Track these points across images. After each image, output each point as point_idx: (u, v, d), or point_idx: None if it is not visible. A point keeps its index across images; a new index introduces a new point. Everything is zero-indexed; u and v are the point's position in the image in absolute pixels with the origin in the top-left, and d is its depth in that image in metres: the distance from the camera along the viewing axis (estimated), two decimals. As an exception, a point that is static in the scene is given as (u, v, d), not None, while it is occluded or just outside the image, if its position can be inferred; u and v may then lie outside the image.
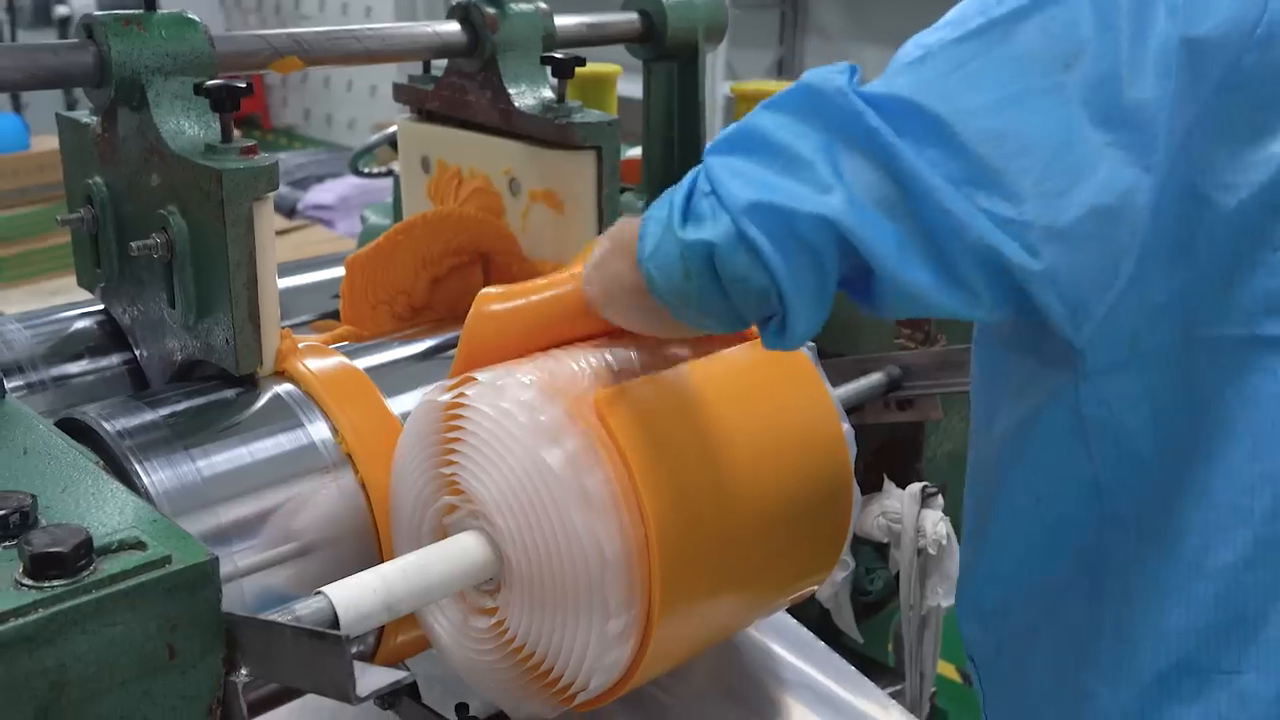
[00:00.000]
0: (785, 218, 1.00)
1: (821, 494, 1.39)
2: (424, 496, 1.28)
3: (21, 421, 1.17)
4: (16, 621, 0.85)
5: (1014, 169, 0.98)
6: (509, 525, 1.20)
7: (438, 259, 1.66)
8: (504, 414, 1.21)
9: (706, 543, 1.25)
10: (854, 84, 1.03)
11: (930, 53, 1.03)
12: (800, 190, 1.00)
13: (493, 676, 1.30)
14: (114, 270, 1.48)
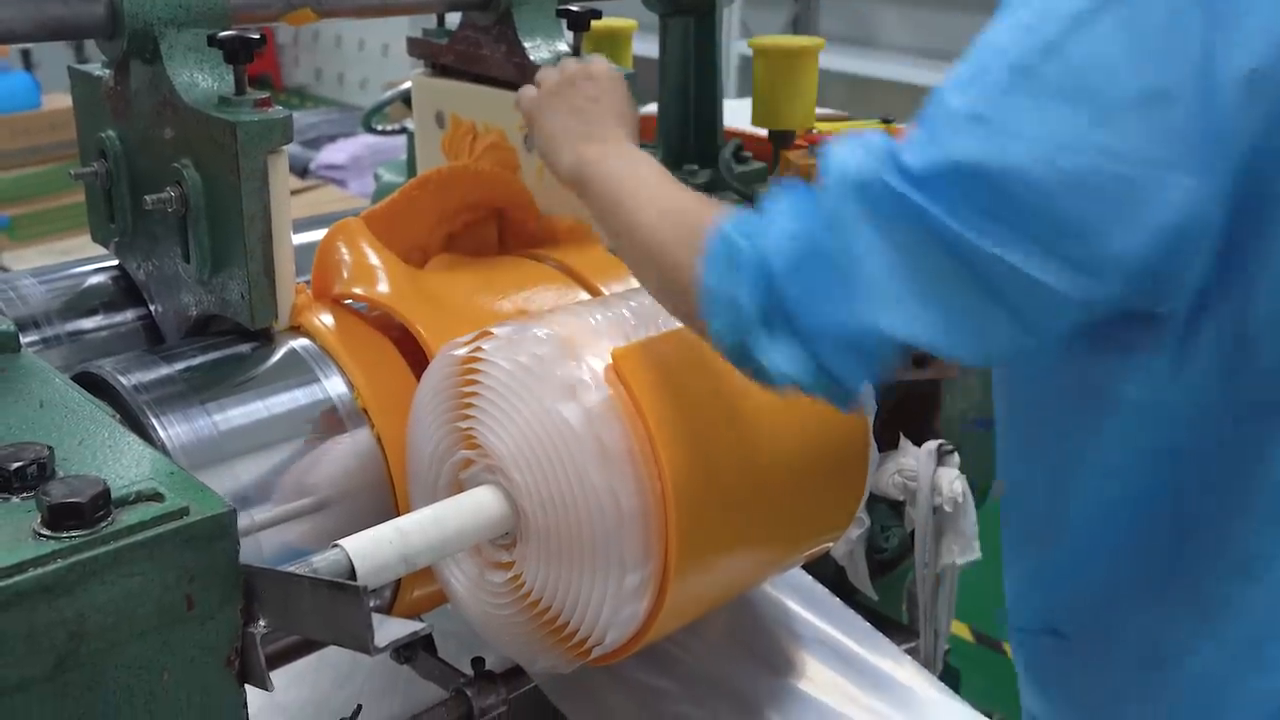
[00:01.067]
0: (863, 346, 0.99)
1: (838, 450, 1.38)
2: (440, 451, 1.28)
3: (37, 375, 1.16)
4: (35, 571, 0.85)
5: (1083, 211, 0.91)
6: (525, 479, 1.20)
7: (452, 215, 1.65)
8: (521, 368, 1.21)
9: (723, 497, 1.25)
10: (896, 164, 0.95)
11: (979, 113, 0.93)
12: (870, 311, 0.97)
13: (508, 631, 1.31)
14: (128, 225, 1.47)
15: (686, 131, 2.00)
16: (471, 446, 1.25)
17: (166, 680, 0.94)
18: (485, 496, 1.22)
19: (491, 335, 1.26)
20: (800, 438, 1.33)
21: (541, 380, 1.20)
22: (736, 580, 1.42)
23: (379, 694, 1.76)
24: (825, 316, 0.98)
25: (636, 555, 1.19)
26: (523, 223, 1.70)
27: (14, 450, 0.96)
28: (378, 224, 1.60)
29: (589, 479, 1.17)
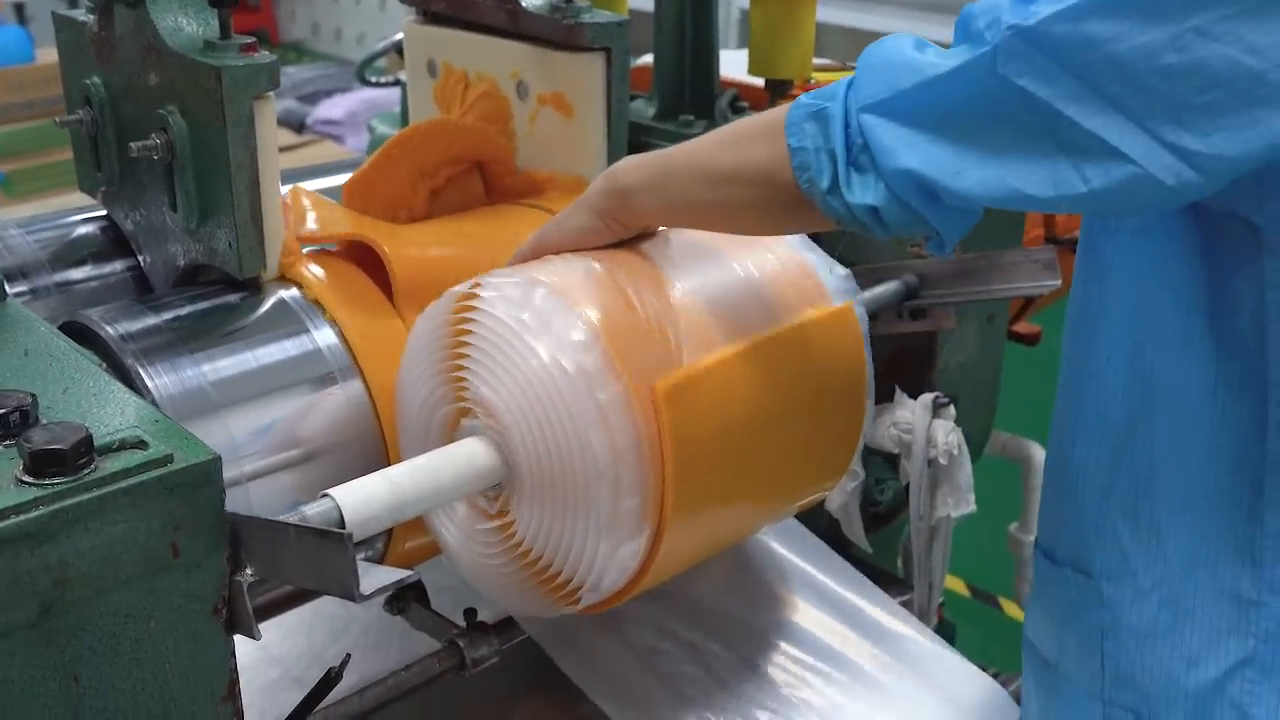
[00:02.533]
0: (933, 188, 1.02)
1: (835, 396, 1.38)
2: (431, 401, 1.27)
3: (22, 323, 1.15)
4: (17, 518, 0.85)
5: (1199, 102, 0.91)
6: (519, 430, 1.19)
7: (434, 170, 1.63)
8: (515, 319, 1.20)
9: (721, 445, 1.24)
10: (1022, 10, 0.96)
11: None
12: (950, 160, 1.01)
13: (501, 581, 1.30)
14: (115, 174, 1.46)
15: (682, 81, 1.98)
16: (462, 398, 1.24)
17: (153, 628, 0.93)
18: (476, 447, 1.21)
19: (483, 285, 1.24)
20: (798, 384, 1.32)
21: (537, 332, 1.19)
22: (731, 529, 1.42)
23: (373, 647, 1.77)
24: (898, 152, 1.02)
25: (632, 506, 1.18)
26: (502, 176, 1.68)
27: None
28: (357, 189, 1.59)
29: (584, 429, 1.16)
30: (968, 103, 0.99)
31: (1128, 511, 1.18)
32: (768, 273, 1.35)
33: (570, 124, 1.65)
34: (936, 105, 1.01)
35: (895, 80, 1.03)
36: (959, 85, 0.99)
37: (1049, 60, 0.93)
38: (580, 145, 1.64)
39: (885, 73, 1.04)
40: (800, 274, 1.38)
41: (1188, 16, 0.89)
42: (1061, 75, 0.93)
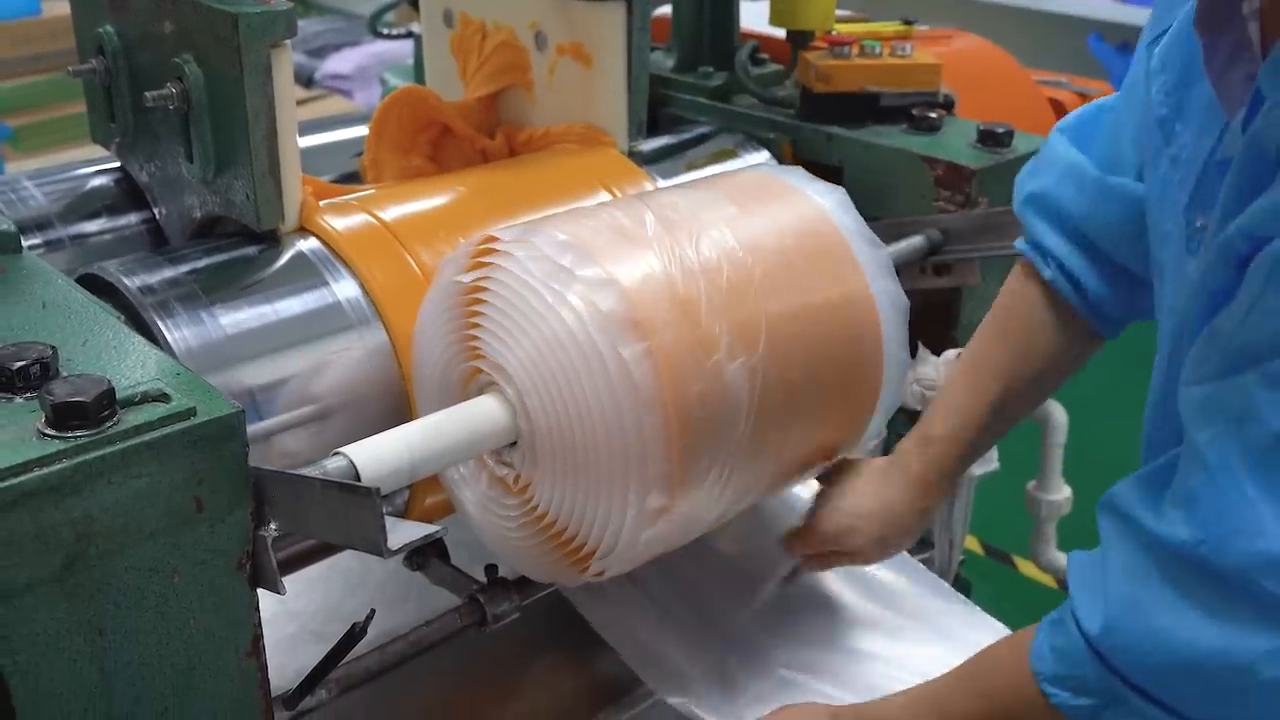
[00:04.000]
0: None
1: (852, 361, 1.36)
2: (446, 358, 1.25)
3: (39, 276, 1.13)
4: (40, 471, 0.83)
5: None
6: (535, 388, 1.17)
7: (410, 142, 1.65)
8: (533, 274, 1.17)
9: (741, 408, 1.22)
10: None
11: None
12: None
13: (520, 547, 1.29)
14: (129, 124, 1.43)
15: (701, 32, 1.95)
16: (477, 354, 1.22)
17: (177, 583, 0.92)
18: (491, 405, 1.19)
19: (499, 240, 1.22)
20: (824, 350, 1.30)
21: (555, 287, 1.16)
22: (752, 492, 1.40)
23: (390, 602, 1.76)
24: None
25: (656, 470, 1.16)
26: (468, 139, 1.66)
27: (16, 350, 0.93)
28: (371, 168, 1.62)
29: (604, 393, 1.14)
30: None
31: None
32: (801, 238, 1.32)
33: (590, 74, 1.62)
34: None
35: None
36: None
37: None
38: (600, 96, 1.62)
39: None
40: (834, 240, 1.35)
41: None
42: None
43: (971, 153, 1.65)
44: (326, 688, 1.23)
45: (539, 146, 1.66)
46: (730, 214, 1.29)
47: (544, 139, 1.66)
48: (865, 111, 1.75)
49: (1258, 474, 0.81)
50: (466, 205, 1.47)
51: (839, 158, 1.74)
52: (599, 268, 1.17)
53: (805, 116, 1.79)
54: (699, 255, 1.23)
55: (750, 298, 1.23)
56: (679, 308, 1.18)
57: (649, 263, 1.20)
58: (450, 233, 1.39)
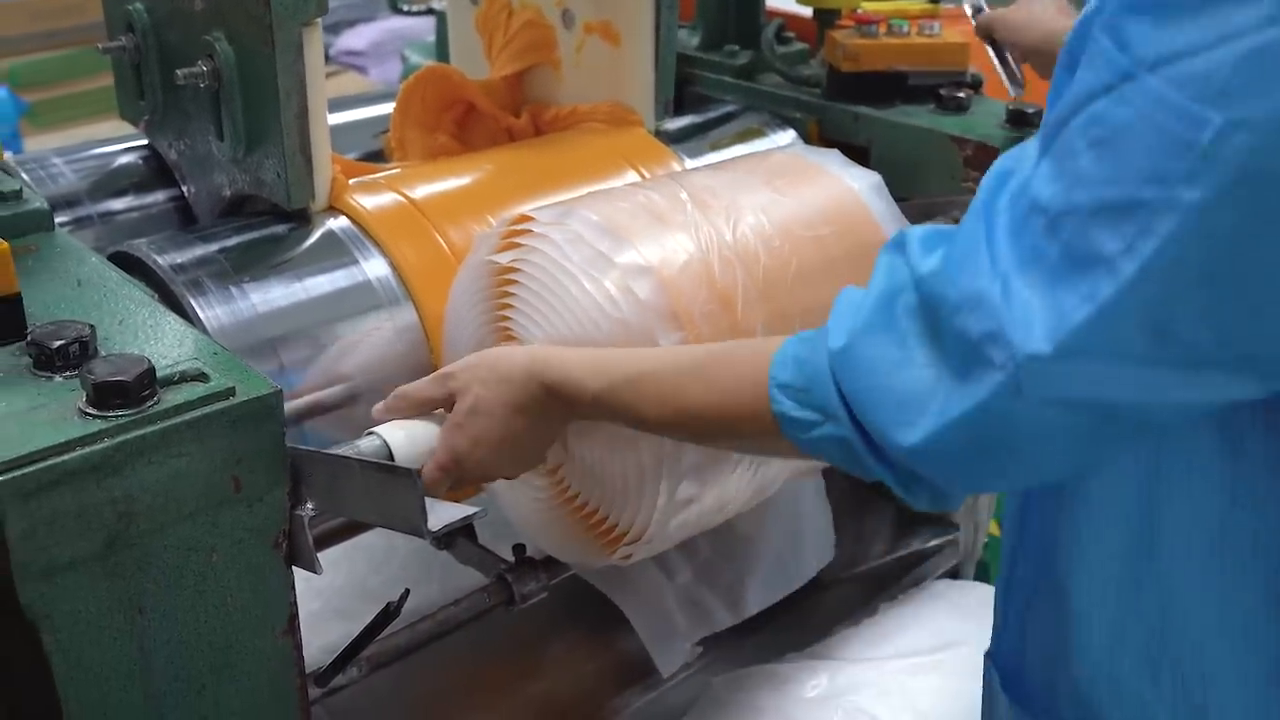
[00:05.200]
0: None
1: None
2: (478, 337, 1.25)
3: (73, 254, 1.14)
4: (83, 450, 0.84)
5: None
6: None
7: (435, 121, 1.63)
8: (565, 257, 1.16)
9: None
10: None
11: None
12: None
13: (550, 528, 1.28)
14: (158, 102, 1.43)
15: (727, 10, 1.93)
16: (509, 338, 1.22)
17: (215, 561, 0.93)
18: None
19: (533, 219, 1.21)
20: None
21: (590, 270, 1.15)
22: (779, 479, 1.40)
23: (414, 580, 1.77)
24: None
25: (690, 461, 1.15)
26: (493, 118, 1.65)
27: (55, 328, 0.94)
28: (397, 148, 1.62)
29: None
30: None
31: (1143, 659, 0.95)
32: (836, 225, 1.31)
33: (618, 53, 1.61)
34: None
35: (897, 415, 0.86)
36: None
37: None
38: (628, 75, 1.61)
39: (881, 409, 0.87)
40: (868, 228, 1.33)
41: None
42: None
43: (1000, 133, 1.64)
44: (358, 665, 1.24)
45: (565, 125, 1.66)
46: (766, 199, 1.28)
47: (570, 118, 1.66)
48: (893, 91, 1.73)
49: (1012, 225, 0.79)
50: (495, 184, 1.47)
51: (866, 137, 1.73)
52: (637, 254, 1.16)
53: (831, 96, 1.78)
54: (736, 242, 1.22)
55: (785, 288, 1.22)
56: (717, 298, 1.17)
57: (686, 250, 1.19)
58: (479, 212, 1.39)
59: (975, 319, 0.79)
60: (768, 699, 1.39)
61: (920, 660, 1.45)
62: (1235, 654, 0.89)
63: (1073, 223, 0.75)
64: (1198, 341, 0.74)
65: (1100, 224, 0.73)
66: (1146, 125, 0.71)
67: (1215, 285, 0.71)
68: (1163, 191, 0.70)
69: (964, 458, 0.83)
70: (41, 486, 0.82)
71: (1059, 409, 0.78)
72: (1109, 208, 0.73)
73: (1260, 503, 0.85)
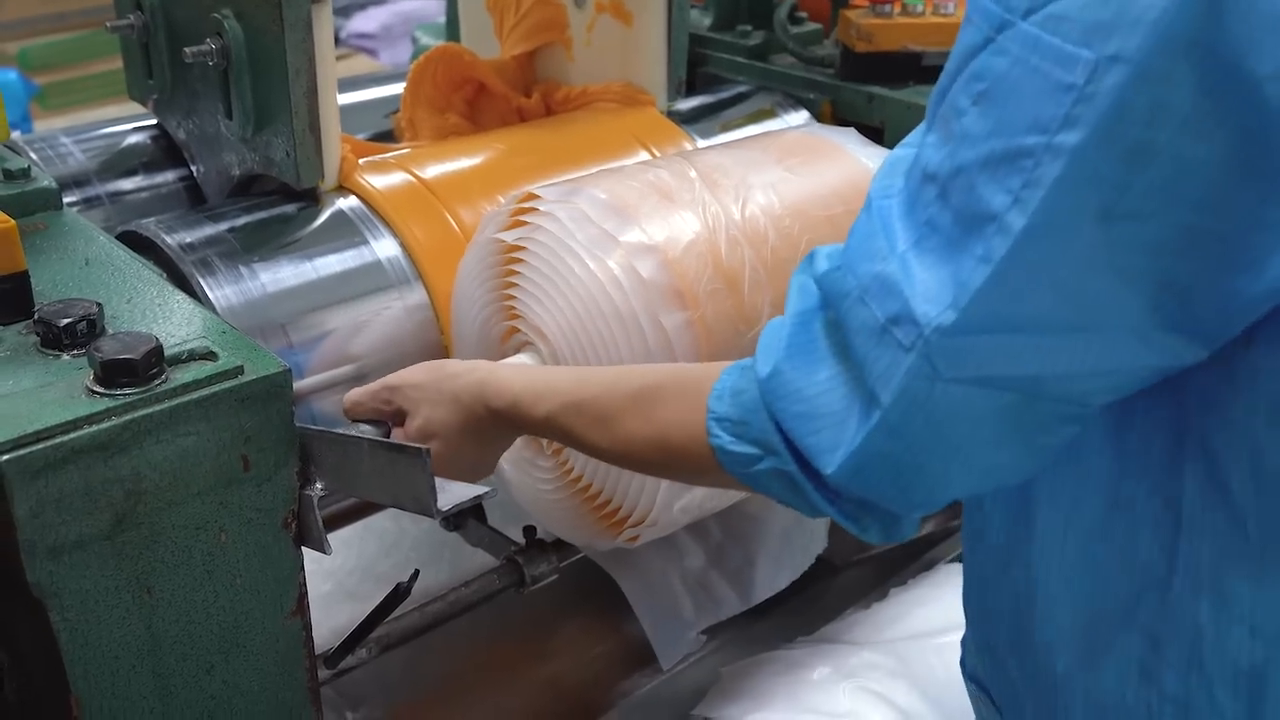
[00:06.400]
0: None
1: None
2: (484, 317, 1.24)
3: (81, 233, 1.13)
4: (90, 429, 0.83)
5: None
6: (572, 356, 1.15)
7: (445, 100, 1.62)
8: (573, 238, 1.15)
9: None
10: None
11: None
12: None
13: (558, 512, 1.28)
14: (167, 81, 1.42)
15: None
16: (514, 316, 1.21)
17: (223, 541, 0.92)
18: (525, 360, 1.18)
19: (538, 198, 1.20)
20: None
21: (595, 255, 1.14)
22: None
23: (424, 562, 1.77)
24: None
25: None
26: (504, 98, 1.64)
27: (62, 306, 0.93)
28: (407, 128, 1.61)
29: (642, 362, 1.12)
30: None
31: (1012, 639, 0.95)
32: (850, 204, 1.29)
33: (629, 33, 1.60)
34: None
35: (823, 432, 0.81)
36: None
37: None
38: (640, 55, 1.60)
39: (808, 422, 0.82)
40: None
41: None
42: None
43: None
44: (367, 647, 1.23)
45: (577, 105, 1.65)
46: (777, 177, 1.27)
47: (582, 98, 1.65)
48: (907, 71, 1.72)
49: (904, 203, 0.76)
50: (506, 164, 1.46)
51: (880, 118, 1.71)
52: (642, 232, 1.15)
53: (845, 76, 1.76)
54: (745, 222, 1.21)
55: (795, 268, 1.21)
56: (722, 277, 1.16)
57: (693, 229, 1.18)
58: (490, 192, 1.38)
59: (878, 303, 0.75)
60: (778, 683, 1.38)
61: (930, 643, 1.44)
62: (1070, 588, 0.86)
63: (961, 183, 0.71)
64: (1106, 298, 0.69)
65: (986, 179, 0.70)
66: (1023, 71, 0.68)
67: (1110, 231, 0.68)
68: (1044, 138, 0.67)
69: (896, 466, 0.78)
70: (49, 465, 0.81)
71: (979, 389, 0.73)
72: (993, 161, 0.69)
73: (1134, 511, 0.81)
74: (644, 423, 0.92)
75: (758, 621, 1.70)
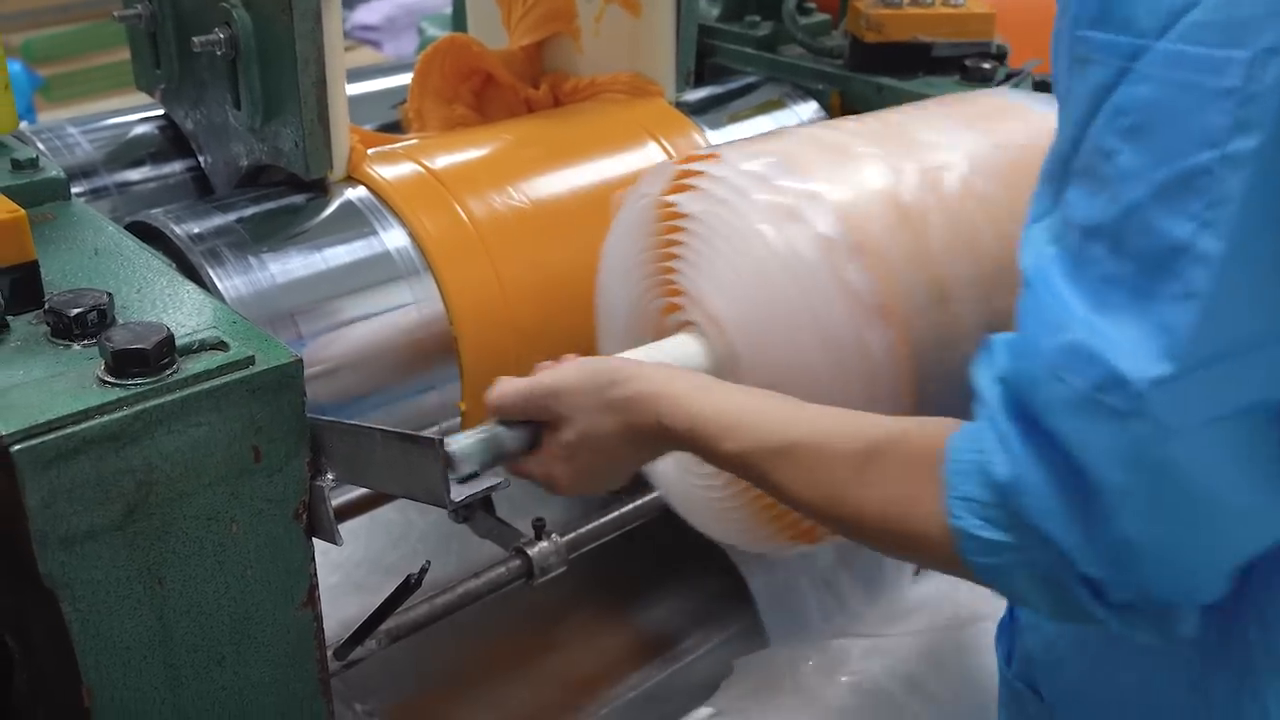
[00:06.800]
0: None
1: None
2: (639, 291, 1.14)
3: (90, 223, 1.13)
4: (102, 419, 0.83)
5: None
6: (744, 323, 1.04)
7: (453, 91, 1.61)
8: (746, 201, 1.03)
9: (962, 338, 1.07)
10: None
11: None
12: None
13: (722, 515, 1.18)
14: (174, 71, 1.42)
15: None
16: (674, 292, 1.10)
17: (235, 532, 0.92)
18: (687, 343, 1.07)
19: (701, 160, 1.09)
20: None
21: (774, 218, 1.01)
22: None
23: (431, 553, 1.77)
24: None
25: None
26: (511, 89, 1.63)
27: (73, 296, 0.93)
28: (415, 120, 1.59)
29: (830, 327, 0.99)
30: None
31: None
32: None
33: (638, 24, 1.59)
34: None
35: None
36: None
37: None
38: (648, 45, 1.59)
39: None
40: None
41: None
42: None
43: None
44: (376, 639, 1.23)
45: (585, 96, 1.64)
46: (977, 142, 1.16)
47: (590, 89, 1.64)
48: (917, 62, 1.71)
49: (1067, 267, 0.71)
50: (515, 155, 1.45)
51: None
52: (841, 221, 1.01)
53: (854, 67, 1.75)
54: (937, 189, 1.09)
55: (989, 238, 1.08)
56: (917, 244, 1.04)
57: (881, 196, 1.06)
58: (499, 182, 1.37)
59: (1077, 375, 0.68)
60: (788, 677, 1.38)
61: (941, 635, 1.44)
62: None
63: (1135, 225, 0.67)
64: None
65: (1163, 212, 0.66)
66: (1173, 91, 0.65)
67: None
68: (1215, 151, 0.64)
69: (1157, 545, 0.70)
70: (61, 455, 0.81)
71: (1216, 430, 0.68)
72: (1166, 191, 0.65)
73: None
74: (861, 487, 0.82)
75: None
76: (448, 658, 1.66)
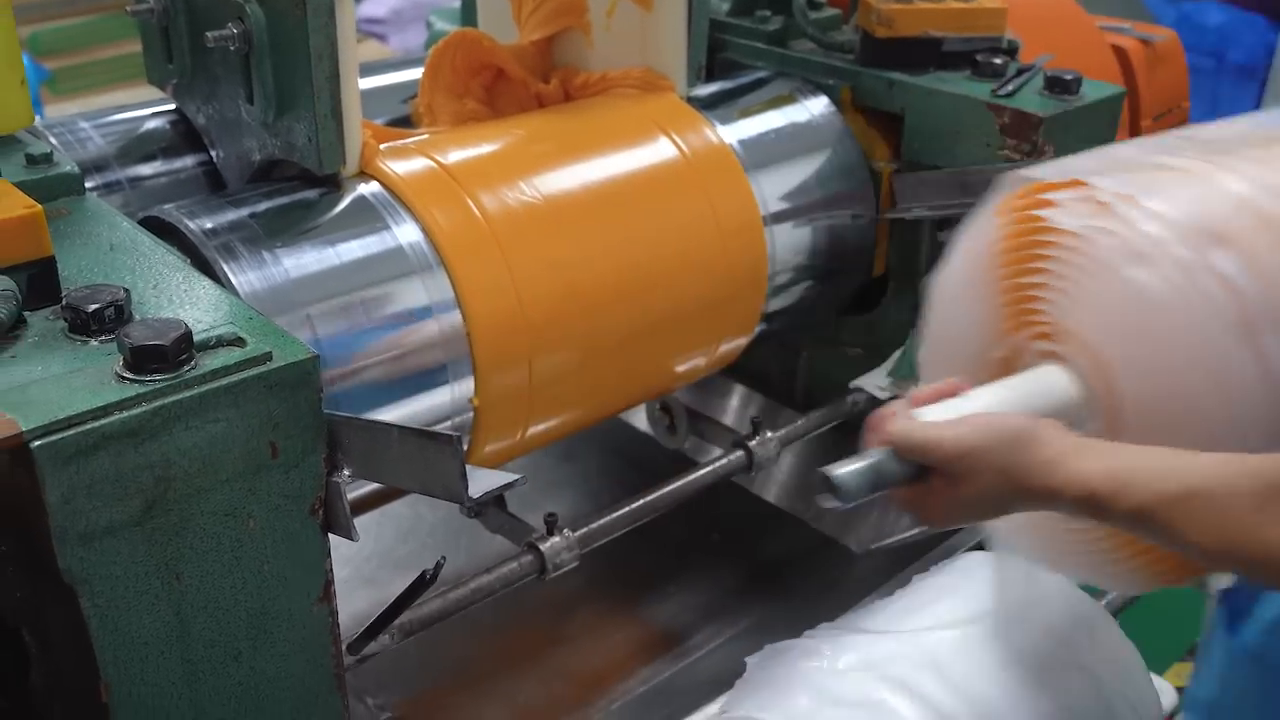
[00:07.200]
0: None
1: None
2: (986, 312, 1.13)
3: (105, 218, 1.13)
4: (121, 415, 0.83)
5: None
6: (1135, 381, 1.02)
7: (464, 86, 1.61)
8: (1147, 237, 1.00)
9: None
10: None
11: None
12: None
13: (1086, 559, 1.14)
14: (187, 65, 1.42)
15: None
16: (1034, 323, 1.10)
17: (252, 528, 0.92)
18: (1057, 377, 1.07)
19: (1085, 184, 1.07)
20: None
21: (1179, 263, 0.99)
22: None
23: (441, 550, 1.76)
24: None
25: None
26: (522, 83, 1.63)
27: (90, 292, 0.93)
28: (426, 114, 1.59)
29: (1222, 360, 0.97)
30: None
31: None
32: None
33: (649, 18, 1.59)
34: None
35: None
36: None
37: None
38: (659, 40, 1.59)
39: None
40: None
41: None
42: None
43: (1039, 100, 1.61)
44: (390, 633, 1.23)
45: (596, 91, 1.64)
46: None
47: (601, 83, 1.64)
48: (928, 57, 1.71)
49: None
50: (527, 150, 1.45)
51: (901, 105, 1.70)
52: (1211, 236, 1.00)
53: (865, 62, 1.75)
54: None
55: None
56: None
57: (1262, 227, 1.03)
58: (510, 177, 1.37)
59: None
60: (800, 673, 1.37)
61: (954, 631, 1.43)
62: None
63: None
64: None
65: None
66: None
67: None
68: None
69: None
70: (80, 451, 0.81)
71: None
72: None
73: None
74: (1265, 528, 0.82)
75: (777, 608, 1.70)
76: (458, 652, 1.66)
